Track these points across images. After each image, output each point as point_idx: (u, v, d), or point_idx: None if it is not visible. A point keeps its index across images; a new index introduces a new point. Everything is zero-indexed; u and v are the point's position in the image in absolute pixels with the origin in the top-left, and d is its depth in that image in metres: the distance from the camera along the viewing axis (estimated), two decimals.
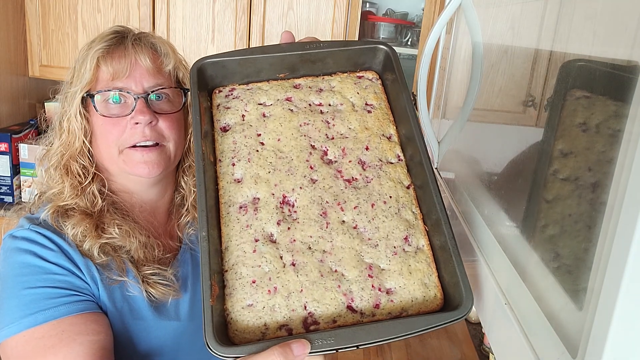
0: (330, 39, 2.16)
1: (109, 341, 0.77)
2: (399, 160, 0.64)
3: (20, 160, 2.17)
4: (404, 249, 0.58)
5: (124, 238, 0.83)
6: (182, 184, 0.95)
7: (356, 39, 2.10)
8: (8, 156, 2.13)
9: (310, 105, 0.67)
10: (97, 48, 0.83)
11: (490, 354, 1.38)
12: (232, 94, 0.68)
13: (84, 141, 0.85)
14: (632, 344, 0.31)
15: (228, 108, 0.67)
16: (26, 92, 2.35)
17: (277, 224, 0.58)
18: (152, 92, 0.85)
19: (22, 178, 2.18)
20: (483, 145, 0.71)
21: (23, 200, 2.21)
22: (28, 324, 0.73)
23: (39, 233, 0.80)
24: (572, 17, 0.46)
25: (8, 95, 2.24)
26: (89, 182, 0.86)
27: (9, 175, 2.15)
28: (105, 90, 0.83)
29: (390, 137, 0.65)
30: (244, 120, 0.66)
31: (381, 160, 0.63)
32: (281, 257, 0.56)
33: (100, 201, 0.85)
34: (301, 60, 0.69)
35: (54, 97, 0.91)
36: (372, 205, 0.59)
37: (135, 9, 2.18)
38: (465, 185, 0.72)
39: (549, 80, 0.50)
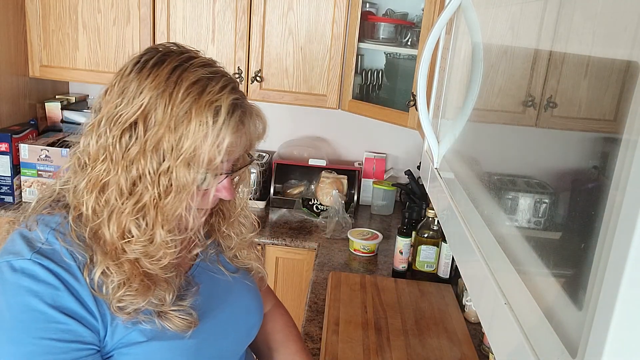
0: (330, 40, 2.16)
1: None
2: None
3: (20, 160, 2.17)
4: None
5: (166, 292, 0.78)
6: None
7: (356, 39, 2.10)
8: (8, 156, 2.13)
9: None
10: (227, 130, 0.74)
11: (490, 353, 1.38)
12: None
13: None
14: (632, 343, 0.31)
15: None
16: (26, 92, 2.35)
17: None
18: (238, 169, 0.83)
19: (22, 178, 2.18)
20: (483, 145, 0.71)
21: (24, 200, 2.21)
22: None
23: (43, 266, 0.71)
24: (572, 17, 0.46)
25: (8, 95, 2.24)
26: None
27: (9, 175, 2.15)
28: (222, 174, 0.78)
29: None
30: None
31: None
32: None
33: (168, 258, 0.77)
34: None
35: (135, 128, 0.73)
36: None
37: (135, 9, 2.19)
38: (465, 185, 0.72)
39: (549, 80, 0.50)
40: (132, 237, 0.74)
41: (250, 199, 0.96)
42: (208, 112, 0.72)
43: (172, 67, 0.74)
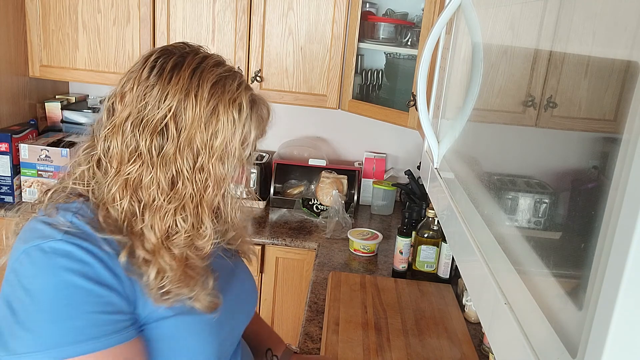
0: (330, 40, 2.16)
1: None
2: None
3: (20, 160, 2.17)
4: None
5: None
6: None
7: (356, 39, 2.10)
8: (8, 156, 2.13)
9: None
10: (251, 124, 0.81)
11: (490, 354, 1.38)
12: None
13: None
14: (632, 343, 0.31)
15: None
16: (26, 92, 2.35)
17: None
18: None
19: (22, 178, 2.18)
20: (483, 145, 0.71)
21: (24, 200, 2.21)
22: (70, 353, 0.68)
23: (75, 244, 0.71)
24: (572, 17, 0.46)
25: (8, 95, 2.24)
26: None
27: (9, 175, 2.15)
28: (245, 161, 0.85)
29: None
30: None
31: None
32: None
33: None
34: None
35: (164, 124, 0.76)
36: None
37: (135, 9, 2.19)
38: (465, 185, 0.72)
39: (549, 80, 0.50)
40: (177, 233, 0.78)
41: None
42: (233, 110, 0.79)
43: (191, 69, 0.78)
